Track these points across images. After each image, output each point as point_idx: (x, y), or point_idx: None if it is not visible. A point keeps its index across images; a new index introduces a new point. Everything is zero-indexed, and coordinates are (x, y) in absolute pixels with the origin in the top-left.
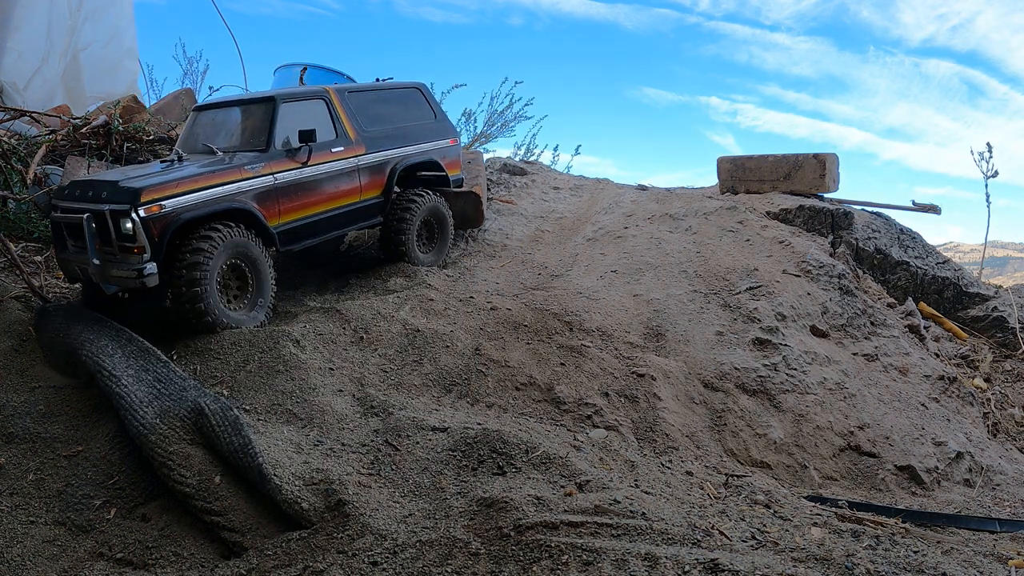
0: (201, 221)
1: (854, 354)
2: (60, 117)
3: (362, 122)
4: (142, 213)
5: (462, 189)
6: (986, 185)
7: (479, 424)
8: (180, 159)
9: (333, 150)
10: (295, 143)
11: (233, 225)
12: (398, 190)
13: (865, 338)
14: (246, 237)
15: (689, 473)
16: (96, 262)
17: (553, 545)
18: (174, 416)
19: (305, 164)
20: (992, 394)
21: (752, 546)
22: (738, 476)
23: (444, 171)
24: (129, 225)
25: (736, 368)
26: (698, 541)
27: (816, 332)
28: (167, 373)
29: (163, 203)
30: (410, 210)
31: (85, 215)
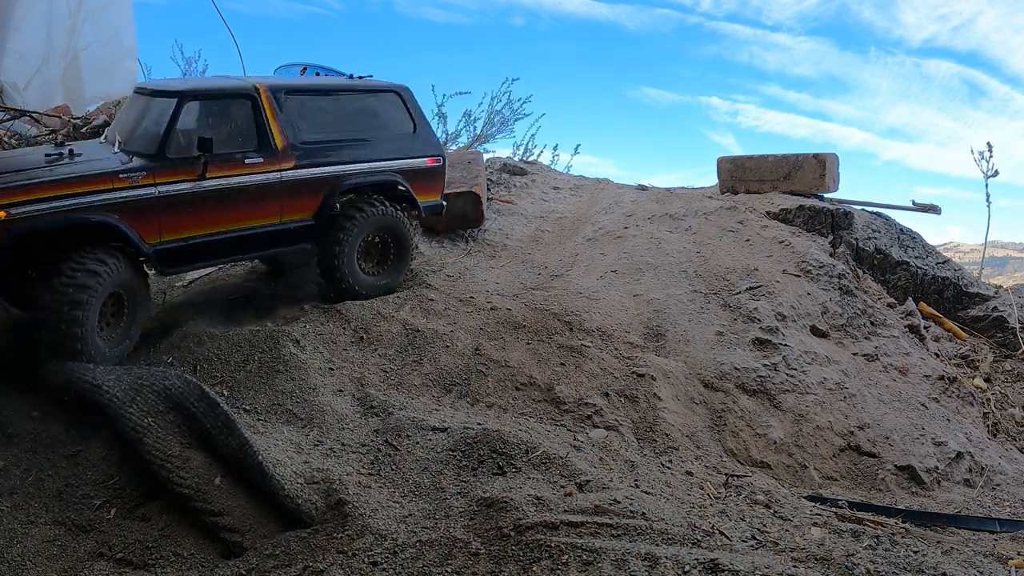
0: (52, 236)
1: (854, 354)
2: (60, 117)
3: (300, 129)
4: None
5: (463, 190)
6: (986, 185)
7: (479, 424)
8: (71, 154)
9: (247, 161)
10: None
11: (99, 256)
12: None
13: (865, 338)
14: (117, 265)
15: (689, 473)
16: None
17: (553, 545)
18: (161, 412)
19: (202, 176)
20: (992, 394)
21: (752, 546)
22: (738, 476)
23: (410, 194)
24: None
25: (736, 368)
26: (698, 541)
27: (816, 332)
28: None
29: (11, 211)
30: (346, 228)
31: None
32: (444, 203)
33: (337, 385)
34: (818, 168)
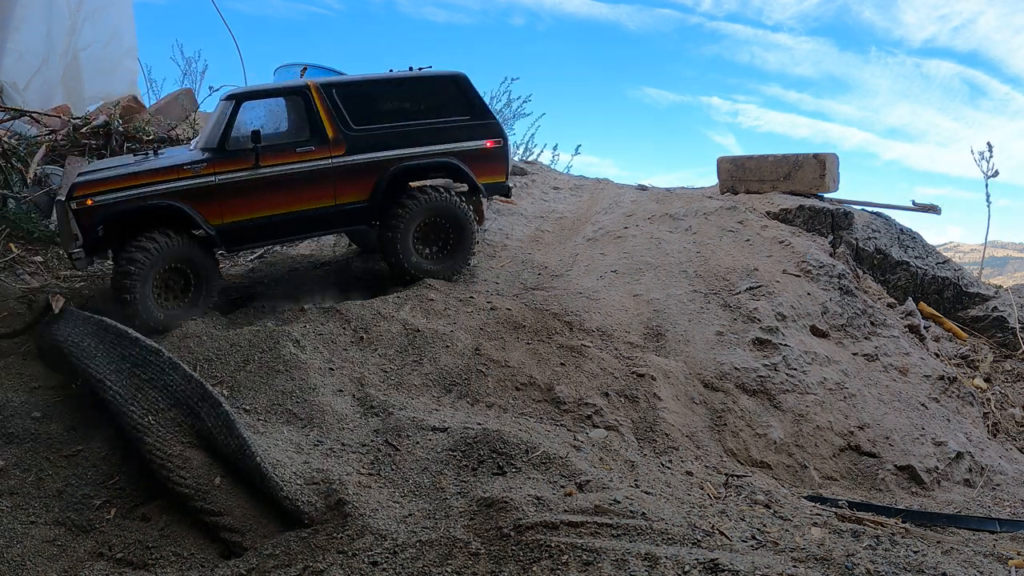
0: (131, 216)
1: (854, 354)
2: (60, 117)
3: (351, 120)
4: (74, 206)
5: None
6: (986, 185)
7: (479, 424)
8: (156, 152)
9: (298, 150)
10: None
11: (161, 233)
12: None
13: (865, 338)
14: (167, 244)
15: (689, 473)
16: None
17: (553, 545)
18: (162, 410)
19: (256, 165)
20: (992, 394)
21: (752, 546)
22: (738, 476)
23: (467, 175)
24: (69, 214)
25: (736, 368)
26: (698, 541)
27: (816, 332)
28: (142, 355)
29: (94, 198)
30: (401, 211)
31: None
32: (511, 184)
33: (337, 385)
34: (818, 168)
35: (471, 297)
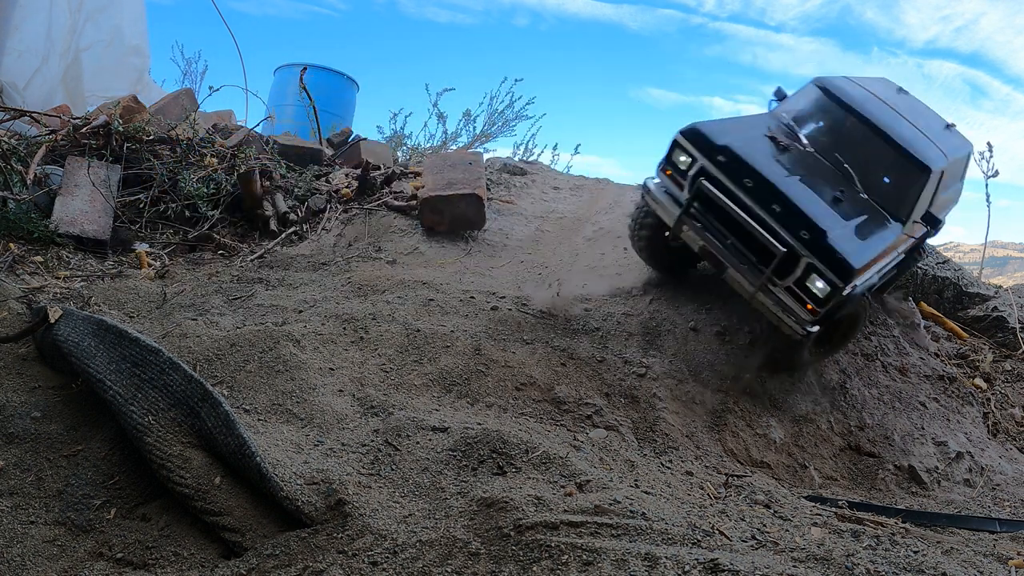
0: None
1: (854, 354)
2: (60, 117)
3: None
4: (845, 292)
5: (466, 192)
6: (987, 185)
7: (479, 424)
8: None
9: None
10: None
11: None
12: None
13: (865, 338)
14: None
15: (689, 473)
16: (751, 285)
17: (553, 545)
18: (162, 410)
19: (915, 243)
20: (992, 394)
21: (752, 546)
22: (738, 476)
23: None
24: (826, 292)
25: None
26: (698, 541)
27: None
28: (142, 354)
29: (856, 283)
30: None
31: (783, 248)
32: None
33: (337, 385)
34: None
35: (471, 297)
